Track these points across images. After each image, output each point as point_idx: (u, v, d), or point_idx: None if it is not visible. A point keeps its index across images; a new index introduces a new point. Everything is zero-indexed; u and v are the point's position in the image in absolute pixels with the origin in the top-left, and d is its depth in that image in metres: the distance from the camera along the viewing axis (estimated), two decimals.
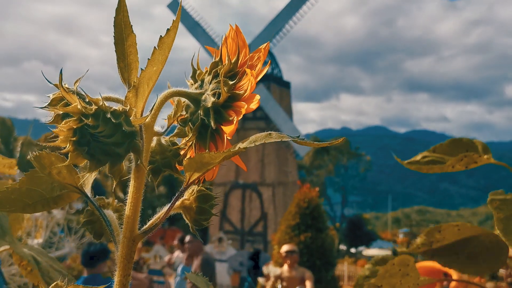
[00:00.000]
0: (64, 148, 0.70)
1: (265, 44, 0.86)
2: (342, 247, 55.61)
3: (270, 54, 39.06)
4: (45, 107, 0.77)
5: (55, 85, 0.75)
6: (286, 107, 38.54)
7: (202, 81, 0.85)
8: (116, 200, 0.90)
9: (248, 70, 0.80)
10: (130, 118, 0.70)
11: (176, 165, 0.86)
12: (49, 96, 0.78)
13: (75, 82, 0.75)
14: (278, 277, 9.73)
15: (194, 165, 0.74)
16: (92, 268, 5.92)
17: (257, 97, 0.78)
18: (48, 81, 0.75)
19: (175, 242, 13.32)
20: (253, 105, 0.77)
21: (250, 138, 0.73)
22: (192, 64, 0.88)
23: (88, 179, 0.78)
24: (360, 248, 54.98)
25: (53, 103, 0.78)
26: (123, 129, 0.68)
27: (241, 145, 0.72)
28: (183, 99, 0.84)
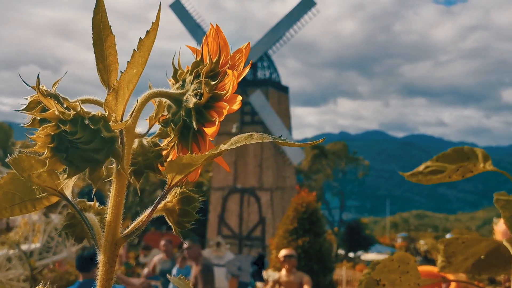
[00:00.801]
0: (43, 153, 0.69)
1: (246, 44, 0.85)
2: (341, 251, 55.61)
3: (269, 59, 39.12)
4: (21, 110, 0.76)
5: (33, 88, 0.74)
6: (284, 112, 38.58)
7: (184, 81, 0.85)
8: (97, 203, 0.90)
9: (229, 71, 0.79)
10: (110, 123, 0.69)
11: (159, 166, 0.86)
12: (26, 99, 0.77)
13: (53, 84, 0.74)
14: (276, 282, 9.74)
15: (176, 167, 0.73)
16: (87, 272, 5.90)
17: (239, 98, 0.77)
18: (25, 83, 0.74)
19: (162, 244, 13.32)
20: (235, 106, 0.77)
21: (232, 139, 0.72)
22: (173, 64, 0.87)
23: (68, 182, 0.78)
24: (359, 253, 54.95)
25: (30, 106, 0.77)
26: (102, 135, 0.67)
27: (223, 146, 0.71)
28: (164, 100, 0.84)
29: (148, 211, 0.80)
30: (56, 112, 0.66)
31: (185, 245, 11.40)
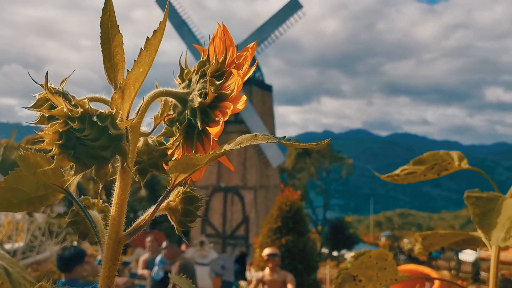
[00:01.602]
0: (50, 150, 0.69)
1: (253, 43, 0.86)
2: (324, 250, 55.67)
3: (253, 59, 39.10)
4: (30, 107, 0.76)
5: (41, 85, 0.75)
6: (268, 110, 38.60)
7: (190, 80, 0.85)
8: (101, 201, 0.90)
9: (234, 71, 0.80)
10: (117, 121, 0.70)
11: (163, 165, 0.86)
12: (35, 96, 0.78)
13: (61, 83, 0.75)
14: (260, 281, 9.73)
15: (180, 167, 0.74)
16: (68, 272, 5.86)
17: (244, 97, 0.78)
18: (34, 81, 0.75)
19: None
20: (240, 106, 0.77)
21: (236, 139, 0.73)
22: (180, 63, 0.88)
23: (73, 179, 0.78)
24: (342, 252, 55.01)
25: (38, 104, 0.77)
26: (109, 132, 0.68)
27: (227, 146, 0.72)
28: (170, 99, 0.84)
29: (151, 210, 0.80)
30: (65, 110, 0.66)
31: (163, 245, 11.47)
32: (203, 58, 0.87)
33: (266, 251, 9.98)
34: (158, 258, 12.28)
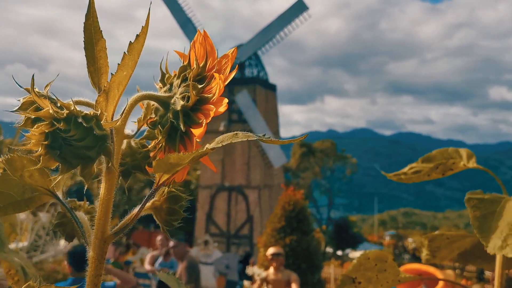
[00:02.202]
0: (36, 151, 0.71)
1: (232, 49, 0.88)
2: (329, 249, 55.64)
3: (257, 58, 39.12)
4: (15, 110, 0.78)
5: (26, 89, 0.77)
6: (272, 110, 38.62)
7: (171, 84, 0.87)
8: (87, 202, 0.92)
9: (216, 75, 0.82)
10: (101, 122, 0.71)
11: (146, 167, 0.87)
12: (19, 100, 0.79)
13: (46, 86, 0.76)
14: (264, 280, 9.73)
15: (164, 167, 0.75)
16: (78, 271, 5.86)
17: (225, 100, 0.80)
18: (18, 85, 0.76)
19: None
20: (221, 108, 0.79)
21: (217, 138, 0.74)
22: (160, 68, 0.90)
23: (59, 182, 0.80)
24: (347, 251, 54.97)
25: (23, 107, 0.79)
26: (94, 132, 0.69)
27: (209, 145, 0.73)
28: (152, 102, 0.86)
29: (136, 210, 0.82)
30: (51, 111, 0.68)
31: (171, 244, 11.49)
32: (184, 62, 0.88)
33: (270, 250, 9.99)
34: (158, 262, 12.32)
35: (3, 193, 0.78)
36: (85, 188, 0.77)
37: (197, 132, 0.79)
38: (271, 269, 9.76)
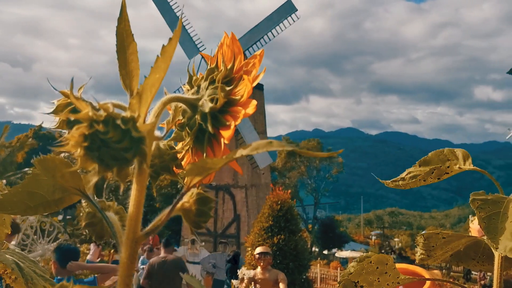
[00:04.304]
0: (71, 153, 0.72)
1: (260, 50, 0.89)
2: (315, 249, 55.76)
3: (245, 58, 39.10)
4: (51, 113, 0.79)
5: (61, 92, 0.77)
6: (259, 109, 38.63)
7: (199, 86, 0.88)
8: (115, 203, 0.92)
9: (245, 76, 0.83)
10: (137, 124, 0.72)
11: (174, 168, 0.88)
12: (53, 103, 0.80)
13: (79, 89, 0.77)
14: (252, 279, 9.75)
15: (196, 170, 0.76)
16: (64, 267, 5.87)
17: (254, 102, 0.80)
18: (53, 87, 0.78)
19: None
20: (250, 110, 0.80)
21: (252, 145, 0.75)
22: (188, 70, 0.91)
23: (89, 182, 0.81)
24: (333, 250, 55.09)
25: (59, 109, 0.80)
26: (132, 135, 0.70)
27: (243, 151, 0.74)
28: (180, 104, 0.87)
29: (166, 211, 0.82)
30: (90, 113, 0.69)
31: (146, 247, 11.72)
32: (210, 65, 0.89)
33: (258, 250, 10.02)
34: (140, 259, 12.42)
35: (33, 193, 0.79)
36: (122, 187, 0.77)
37: (226, 134, 0.80)
38: (259, 269, 9.79)
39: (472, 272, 33.02)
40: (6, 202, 0.80)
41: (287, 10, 37.56)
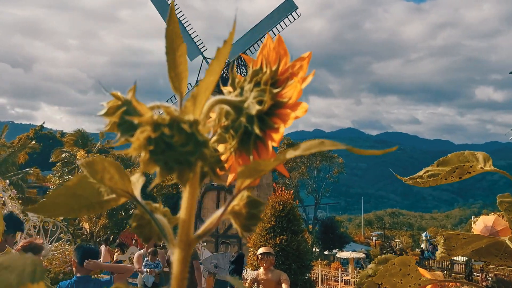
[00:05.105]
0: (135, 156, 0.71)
1: (307, 53, 0.88)
2: (315, 249, 55.72)
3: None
4: (103, 115, 0.78)
5: (113, 94, 0.77)
6: None
7: (242, 88, 0.87)
8: (162, 205, 0.92)
9: (295, 78, 0.82)
10: (199, 127, 0.72)
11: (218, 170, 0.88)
12: (103, 105, 0.80)
13: (129, 90, 0.77)
14: (254, 280, 9.75)
15: (248, 173, 0.75)
16: (82, 267, 5.98)
17: (304, 105, 0.79)
18: (104, 89, 0.77)
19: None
20: (299, 113, 0.78)
21: (302, 145, 0.74)
22: (230, 72, 0.90)
23: (137, 184, 0.80)
24: (334, 251, 55.03)
25: (110, 111, 0.79)
26: (197, 138, 0.70)
27: (294, 152, 0.73)
28: (223, 106, 0.86)
29: (218, 213, 0.82)
30: (154, 116, 0.68)
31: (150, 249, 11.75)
32: (253, 67, 0.88)
33: (260, 250, 10.03)
34: (144, 261, 12.44)
35: (78, 195, 0.78)
36: (183, 189, 0.77)
37: (276, 137, 0.79)
38: (261, 269, 9.79)
39: (474, 273, 33.01)
40: (49, 204, 0.79)
41: (287, 8, 37.61)
